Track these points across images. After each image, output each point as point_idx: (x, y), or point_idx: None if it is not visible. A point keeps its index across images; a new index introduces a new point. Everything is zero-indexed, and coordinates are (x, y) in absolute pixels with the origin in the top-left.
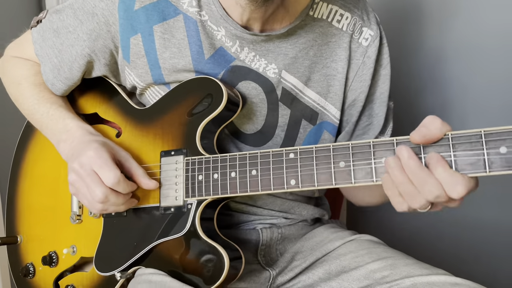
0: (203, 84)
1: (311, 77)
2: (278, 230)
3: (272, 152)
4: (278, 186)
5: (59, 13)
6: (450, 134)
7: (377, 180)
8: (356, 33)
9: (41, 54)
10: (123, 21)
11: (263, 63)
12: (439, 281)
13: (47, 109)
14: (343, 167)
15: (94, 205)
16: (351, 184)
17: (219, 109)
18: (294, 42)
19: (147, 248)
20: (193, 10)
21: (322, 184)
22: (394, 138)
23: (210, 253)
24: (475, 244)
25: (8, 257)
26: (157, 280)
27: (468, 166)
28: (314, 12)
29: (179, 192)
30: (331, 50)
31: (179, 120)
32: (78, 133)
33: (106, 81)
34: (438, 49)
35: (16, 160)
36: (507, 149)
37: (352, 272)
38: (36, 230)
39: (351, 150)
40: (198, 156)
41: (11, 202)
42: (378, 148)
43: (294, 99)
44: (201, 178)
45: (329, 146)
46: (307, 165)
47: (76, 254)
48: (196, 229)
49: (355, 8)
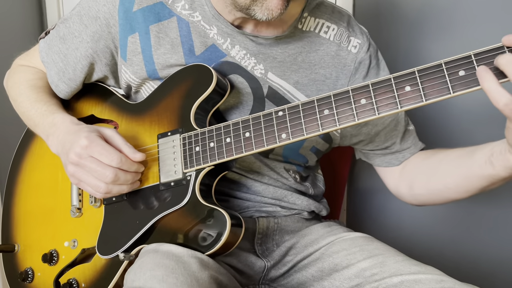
0: (193, 70)
1: (299, 81)
2: (275, 220)
3: (262, 114)
4: (271, 142)
5: (66, 22)
6: None
7: (359, 119)
8: (344, 42)
9: (47, 60)
10: (122, 22)
11: (252, 62)
12: (425, 278)
13: (41, 106)
14: (327, 113)
15: (98, 189)
16: (336, 127)
17: (210, 89)
18: (283, 48)
19: (150, 223)
20: (186, 12)
21: (311, 132)
22: (369, 81)
23: (212, 216)
24: (474, 244)
25: (3, 265)
26: (163, 249)
27: None
28: (302, 26)
29: (177, 167)
30: (319, 57)
31: (173, 104)
32: (63, 125)
33: (100, 85)
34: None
35: (12, 171)
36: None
37: (344, 271)
38: (34, 235)
39: (333, 98)
40: (194, 131)
41: (7, 213)
42: (356, 92)
43: (282, 99)
44: (198, 149)
45: (313, 99)
46: (295, 119)
47: (76, 248)
48: (196, 197)
49: (340, 21)
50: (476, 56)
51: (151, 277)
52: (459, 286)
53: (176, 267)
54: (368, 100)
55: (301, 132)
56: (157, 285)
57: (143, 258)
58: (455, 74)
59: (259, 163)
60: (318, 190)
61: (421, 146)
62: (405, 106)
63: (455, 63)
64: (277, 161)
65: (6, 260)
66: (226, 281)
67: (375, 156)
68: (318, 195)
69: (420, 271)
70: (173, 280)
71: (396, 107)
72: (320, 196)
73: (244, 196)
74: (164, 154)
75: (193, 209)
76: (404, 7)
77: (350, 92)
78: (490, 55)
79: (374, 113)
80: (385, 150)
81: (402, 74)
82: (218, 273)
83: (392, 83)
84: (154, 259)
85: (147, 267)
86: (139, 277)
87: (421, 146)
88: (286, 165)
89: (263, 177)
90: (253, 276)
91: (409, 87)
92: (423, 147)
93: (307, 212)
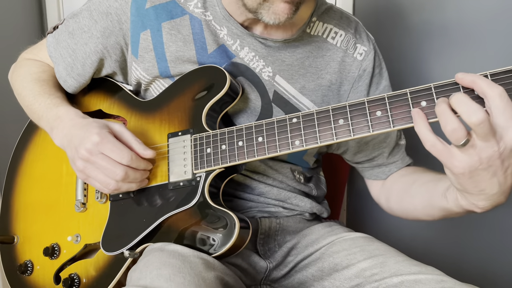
0: (207, 71)
1: (305, 86)
2: (277, 220)
3: (276, 119)
4: (284, 148)
5: (75, 17)
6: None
7: (374, 130)
8: (350, 49)
9: (55, 55)
10: (134, 18)
11: (260, 64)
12: (426, 279)
13: (45, 99)
14: (342, 124)
15: (108, 185)
16: (350, 138)
17: (223, 91)
18: (292, 51)
19: (157, 222)
20: (198, 11)
21: (325, 141)
22: (385, 94)
23: (220, 218)
24: (475, 245)
25: (1, 257)
26: (169, 248)
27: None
28: (311, 30)
29: (187, 167)
30: (325, 62)
31: (184, 105)
32: (68, 118)
33: (109, 80)
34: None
35: (13, 162)
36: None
37: (344, 271)
38: (34, 228)
39: (348, 109)
40: (205, 133)
41: (6, 203)
42: (372, 103)
43: (288, 104)
44: (210, 151)
45: (328, 108)
46: (309, 127)
47: (79, 243)
48: (205, 198)
49: (348, 27)
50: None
51: (157, 275)
52: (459, 286)
53: (182, 266)
54: (384, 113)
55: (315, 140)
56: (164, 284)
57: (148, 256)
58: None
59: (264, 165)
60: (321, 191)
61: (407, 162)
62: None
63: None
64: (283, 162)
65: (4, 252)
66: (233, 282)
67: (364, 170)
68: (320, 197)
69: (421, 271)
70: (181, 280)
71: (411, 121)
72: (322, 198)
73: (247, 196)
74: (174, 154)
75: (202, 210)
76: (404, 8)
77: (366, 103)
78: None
79: (389, 126)
80: (371, 162)
81: (419, 89)
82: (224, 274)
83: (408, 97)
84: (160, 258)
85: (153, 266)
86: (145, 276)
87: (407, 162)
88: (292, 166)
89: (267, 179)
90: (255, 276)
91: (425, 102)
92: (410, 162)
93: (308, 213)
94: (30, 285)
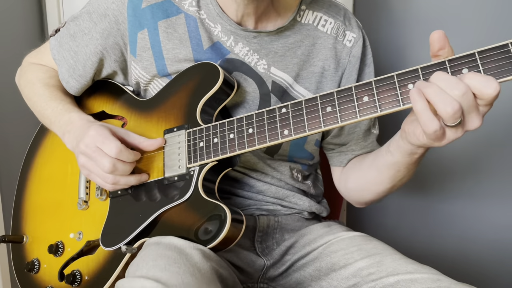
0: (201, 68)
1: (300, 74)
2: (275, 218)
3: (266, 110)
4: (273, 138)
5: (76, 20)
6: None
7: (361, 116)
8: (340, 36)
9: (58, 58)
10: (131, 18)
11: (255, 58)
12: (422, 278)
13: (57, 104)
14: (330, 111)
15: (106, 179)
16: (337, 124)
17: (216, 86)
18: (284, 41)
19: (152, 216)
20: (193, 9)
21: (313, 129)
22: (372, 79)
23: (213, 211)
24: (472, 244)
25: (12, 255)
26: (165, 241)
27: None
28: (301, 18)
29: (182, 162)
30: (317, 50)
31: (180, 101)
32: (80, 123)
33: (111, 82)
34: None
35: (25, 165)
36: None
37: (341, 271)
38: (42, 228)
39: (335, 95)
40: (198, 127)
41: (18, 205)
42: (359, 89)
43: (285, 92)
44: (202, 145)
45: (316, 96)
46: (298, 116)
47: (82, 240)
48: (199, 192)
49: (337, 15)
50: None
51: (153, 266)
52: (455, 285)
53: (178, 257)
54: (371, 98)
55: (303, 128)
56: (159, 273)
57: (145, 250)
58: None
59: (262, 163)
60: (318, 190)
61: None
62: (407, 104)
63: (458, 61)
64: (281, 160)
65: (14, 251)
66: (227, 275)
67: (333, 156)
68: (318, 195)
69: (417, 270)
70: (176, 269)
71: (399, 105)
72: (320, 197)
73: (246, 194)
74: (169, 149)
75: (195, 203)
76: (404, 4)
77: (353, 89)
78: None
79: (376, 111)
80: (342, 147)
81: (405, 71)
82: (219, 266)
83: (395, 80)
84: (157, 250)
85: (149, 258)
86: (141, 267)
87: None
88: (291, 164)
89: (266, 177)
90: (252, 274)
91: (412, 85)
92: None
93: (307, 212)
94: (37, 283)
